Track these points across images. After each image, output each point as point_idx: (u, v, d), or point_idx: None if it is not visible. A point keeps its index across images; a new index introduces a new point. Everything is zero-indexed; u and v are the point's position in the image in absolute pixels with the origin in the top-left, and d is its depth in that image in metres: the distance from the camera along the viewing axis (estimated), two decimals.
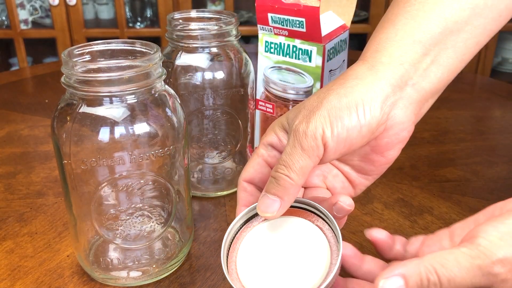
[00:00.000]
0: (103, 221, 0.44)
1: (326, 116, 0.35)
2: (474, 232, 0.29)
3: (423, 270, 0.28)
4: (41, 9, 2.01)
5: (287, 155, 0.35)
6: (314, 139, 0.35)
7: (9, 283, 0.47)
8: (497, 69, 2.16)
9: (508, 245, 0.28)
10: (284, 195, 0.35)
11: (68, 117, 0.41)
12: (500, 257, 0.27)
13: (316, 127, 0.35)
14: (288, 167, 0.35)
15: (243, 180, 0.40)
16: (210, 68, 0.55)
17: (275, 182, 0.35)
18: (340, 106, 0.35)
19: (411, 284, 0.29)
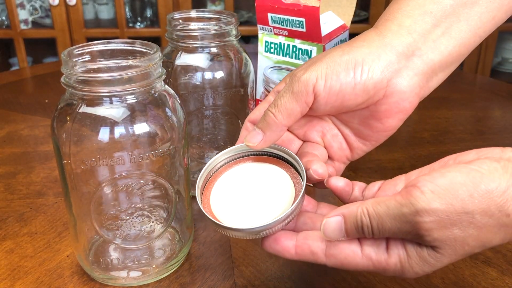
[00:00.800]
0: (103, 221, 0.44)
1: (324, 68, 0.37)
2: (415, 181, 0.30)
3: (359, 212, 0.31)
4: (41, 9, 2.01)
5: (279, 96, 0.38)
6: (305, 86, 0.37)
7: (9, 283, 0.47)
8: (497, 69, 2.16)
9: (437, 197, 0.29)
10: (266, 130, 0.38)
11: (68, 117, 0.41)
12: (425, 207, 0.29)
13: (311, 75, 0.37)
14: (276, 107, 0.38)
15: (247, 121, 0.43)
16: (210, 68, 0.55)
17: (263, 118, 0.39)
18: (340, 62, 0.37)
19: (349, 223, 0.32)
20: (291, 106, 0.37)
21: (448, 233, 0.29)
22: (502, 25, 1.42)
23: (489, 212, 0.29)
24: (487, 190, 0.29)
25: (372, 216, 0.31)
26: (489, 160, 0.30)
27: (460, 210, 0.29)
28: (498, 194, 0.29)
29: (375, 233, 0.31)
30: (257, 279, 0.47)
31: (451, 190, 0.29)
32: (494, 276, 0.47)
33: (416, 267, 0.31)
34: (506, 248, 0.51)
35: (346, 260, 0.33)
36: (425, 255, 0.31)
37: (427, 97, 0.45)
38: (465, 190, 0.29)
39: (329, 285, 0.46)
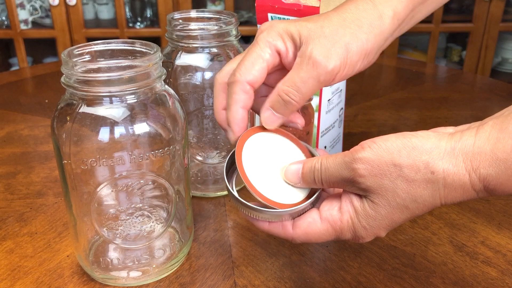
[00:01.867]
0: (103, 221, 0.44)
1: (344, 57, 0.38)
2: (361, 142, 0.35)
3: (315, 160, 0.37)
4: (41, 9, 2.01)
5: (301, 82, 0.38)
6: (332, 75, 0.38)
7: (9, 283, 0.47)
8: (497, 69, 2.16)
9: (372, 150, 0.33)
10: (287, 114, 0.40)
11: (68, 117, 0.41)
12: (359, 156, 0.33)
13: (335, 64, 0.38)
14: (300, 94, 0.38)
15: (246, 82, 0.39)
16: (210, 68, 0.55)
17: (284, 104, 0.39)
18: (356, 51, 0.39)
19: (305, 168, 0.37)
20: (314, 92, 0.39)
21: (379, 182, 0.33)
22: (502, 25, 1.42)
23: (415, 167, 0.32)
24: (414, 147, 0.32)
25: (322, 163, 0.36)
26: (427, 131, 0.34)
27: (389, 161, 0.33)
28: (424, 152, 0.32)
29: (323, 178, 0.36)
30: (257, 279, 0.47)
31: (384, 146, 0.33)
32: (494, 276, 0.47)
33: (363, 221, 0.35)
34: (506, 248, 0.51)
35: (309, 227, 0.37)
36: (366, 206, 0.35)
37: (427, 97, 0.45)
38: (395, 146, 0.33)
39: (329, 285, 0.46)
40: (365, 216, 0.35)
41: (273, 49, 0.39)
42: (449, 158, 0.32)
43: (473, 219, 0.56)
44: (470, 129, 0.33)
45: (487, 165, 0.31)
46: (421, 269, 0.48)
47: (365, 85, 1.05)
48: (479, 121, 0.35)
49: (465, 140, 0.32)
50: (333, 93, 0.62)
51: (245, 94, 0.39)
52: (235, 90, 0.39)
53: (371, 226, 0.35)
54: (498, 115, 0.33)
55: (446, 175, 0.32)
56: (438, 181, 0.32)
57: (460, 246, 0.52)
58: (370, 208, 0.35)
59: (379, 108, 0.91)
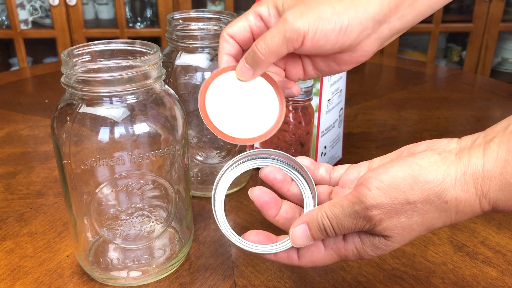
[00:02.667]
0: (103, 221, 0.44)
1: (316, 22, 0.39)
2: (362, 179, 0.34)
3: (319, 216, 0.36)
4: (41, 9, 2.01)
5: (270, 36, 0.40)
6: (297, 35, 0.39)
7: (9, 283, 0.47)
8: (497, 69, 2.16)
9: (382, 193, 0.33)
10: (256, 67, 0.41)
11: (68, 117, 0.41)
12: (372, 203, 0.33)
13: (304, 25, 0.39)
14: (266, 47, 0.40)
15: (226, 33, 0.44)
16: (210, 68, 0.55)
17: (252, 55, 0.41)
18: (330, 20, 0.40)
19: (313, 228, 0.37)
20: (280, 49, 0.40)
21: (395, 222, 0.34)
22: (502, 25, 1.42)
23: (429, 200, 0.33)
24: (426, 181, 0.32)
25: (331, 218, 0.35)
26: (431, 153, 0.34)
27: (403, 201, 0.33)
28: (436, 184, 0.32)
29: (336, 232, 0.36)
30: (257, 279, 0.47)
31: (393, 184, 0.33)
32: (494, 276, 0.47)
33: (370, 252, 0.36)
34: (506, 248, 0.51)
35: (314, 255, 0.38)
36: (377, 242, 0.35)
37: (427, 97, 0.45)
38: (405, 184, 0.33)
39: (329, 285, 0.46)
40: (374, 248, 0.36)
41: (255, 13, 0.44)
42: (460, 185, 0.32)
43: (473, 219, 0.56)
44: (476, 148, 0.33)
45: (496, 189, 0.32)
46: (421, 269, 0.48)
47: (365, 85, 1.05)
48: (482, 133, 0.35)
49: (474, 162, 0.32)
50: (333, 93, 0.62)
51: (227, 44, 0.44)
52: (220, 42, 0.44)
53: (378, 254, 0.36)
54: (502, 130, 0.33)
55: (458, 203, 0.33)
56: (451, 209, 0.33)
57: (460, 246, 0.52)
58: (381, 243, 0.35)
59: (379, 108, 0.91)
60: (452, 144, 0.35)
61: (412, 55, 2.16)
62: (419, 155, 0.34)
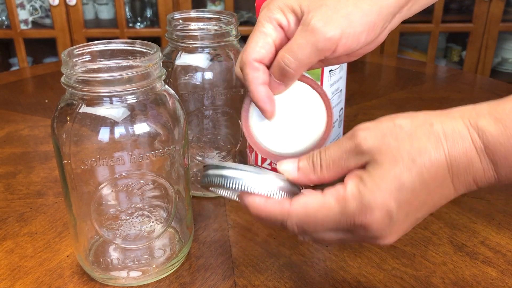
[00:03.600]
0: (103, 221, 0.44)
1: (347, 27, 0.38)
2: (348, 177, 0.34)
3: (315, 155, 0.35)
4: (41, 9, 2.01)
5: (299, 48, 0.38)
6: (331, 44, 0.37)
7: (9, 283, 0.47)
8: (497, 69, 2.16)
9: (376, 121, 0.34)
10: (287, 81, 0.40)
11: (68, 117, 0.41)
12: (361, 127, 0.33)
13: (336, 33, 0.37)
14: (296, 60, 0.38)
15: (253, 60, 0.39)
16: (210, 68, 0.55)
17: (281, 71, 0.39)
18: (360, 23, 0.38)
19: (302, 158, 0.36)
20: (312, 61, 0.38)
21: (381, 141, 0.32)
22: (502, 25, 1.43)
23: (414, 122, 0.33)
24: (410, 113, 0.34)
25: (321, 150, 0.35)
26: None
27: (389, 123, 0.33)
28: (422, 113, 0.33)
29: (322, 161, 0.35)
30: (257, 279, 0.47)
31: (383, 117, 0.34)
32: (494, 276, 0.47)
33: (369, 184, 0.32)
34: (506, 248, 0.51)
35: (309, 200, 0.34)
36: (370, 170, 0.32)
37: (427, 97, 0.45)
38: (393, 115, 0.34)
39: (329, 285, 0.46)
40: (371, 179, 0.32)
41: (274, 24, 0.39)
42: (446, 115, 0.33)
43: (473, 219, 0.56)
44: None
45: (485, 123, 0.31)
46: (421, 269, 0.48)
47: (365, 85, 1.05)
48: None
49: (462, 107, 0.33)
50: (333, 93, 0.62)
51: (257, 72, 0.39)
52: (247, 71, 0.40)
53: (379, 188, 0.32)
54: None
55: (445, 126, 0.32)
56: (438, 132, 0.32)
57: (460, 246, 0.52)
58: (375, 169, 0.32)
59: (379, 108, 0.91)
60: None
61: (412, 55, 2.16)
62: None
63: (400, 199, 0.32)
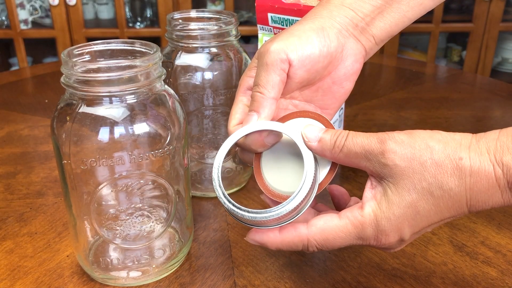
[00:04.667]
0: (103, 221, 0.44)
1: (289, 37, 0.40)
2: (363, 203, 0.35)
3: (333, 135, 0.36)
4: (41, 9, 2.01)
5: (256, 75, 0.40)
6: (277, 54, 0.39)
7: (9, 283, 0.47)
8: (497, 69, 2.16)
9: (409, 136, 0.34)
10: (259, 108, 0.39)
11: (68, 117, 0.41)
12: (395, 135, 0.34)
13: (279, 44, 0.39)
14: (257, 85, 0.40)
15: (233, 126, 0.41)
16: (210, 68, 0.55)
17: (252, 101, 0.40)
18: (303, 29, 0.40)
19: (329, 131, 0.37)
20: (270, 78, 0.39)
21: (409, 163, 0.33)
22: (502, 25, 1.42)
23: (445, 152, 0.33)
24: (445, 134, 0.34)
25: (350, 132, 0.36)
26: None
27: (422, 144, 0.33)
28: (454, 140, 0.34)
29: (346, 144, 0.35)
30: (257, 279, 0.47)
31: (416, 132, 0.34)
32: (494, 276, 0.47)
33: (386, 211, 0.34)
34: (506, 248, 0.51)
35: (326, 224, 0.36)
36: (388, 193, 0.34)
37: (427, 97, 0.45)
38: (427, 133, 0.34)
39: (329, 285, 0.46)
40: (388, 204, 0.34)
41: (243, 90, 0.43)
42: (474, 149, 0.33)
43: (473, 219, 0.56)
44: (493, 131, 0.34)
45: (510, 158, 0.32)
46: (421, 269, 0.48)
47: (365, 85, 1.05)
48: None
49: (489, 135, 0.33)
50: None
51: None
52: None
53: (395, 215, 0.34)
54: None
55: (473, 163, 0.32)
56: (465, 168, 0.32)
57: (460, 246, 0.52)
58: (393, 193, 0.34)
59: (379, 108, 0.91)
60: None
61: (412, 55, 2.16)
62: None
63: (414, 224, 0.34)
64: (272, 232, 0.37)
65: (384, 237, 0.34)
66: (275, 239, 0.37)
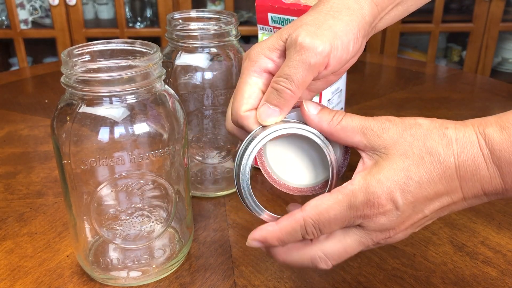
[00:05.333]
0: (103, 221, 0.44)
1: (335, 39, 0.38)
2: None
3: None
4: (41, 9, 2.01)
5: (291, 69, 0.37)
6: (323, 57, 0.37)
7: (9, 283, 0.47)
8: (497, 69, 2.16)
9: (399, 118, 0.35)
10: (284, 106, 0.38)
11: (68, 117, 0.41)
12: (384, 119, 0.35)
13: (326, 46, 0.37)
14: (291, 81, 0.37)
15: (245, 112, 0.38)
16: (210, 68, 0.55)
17: (277, 94, 0.37)
18: (345, 32, 0.38)
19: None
20: (308, 79, 0.37)
21: (400, 134, 0.35)
22: (502, 25, 1.42)
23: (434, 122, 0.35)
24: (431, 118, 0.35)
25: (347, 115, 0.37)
26: None
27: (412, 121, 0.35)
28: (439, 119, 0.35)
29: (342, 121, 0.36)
30: (257, 279, 0.47)
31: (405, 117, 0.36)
32: (494, 276, 0.47)
33: (376, 174, 0.34)
34: (506, 248, 0.51)
35: (319, 201, 0.35)
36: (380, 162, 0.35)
37: (427, 97, 0.45)
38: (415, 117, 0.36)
39: (329, 285, 0.46)
40: (378, 169, 0.34)
41: (258, 70, 0.39)
42: (461, 123, 0.34)
43: (473, 219, 0.56)
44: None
45: (491, 131, 0.33)
46: (421, 269, 0.48)
47: (365, 85, 1.05)
48: None
49: (473, 119, 0.35)
50: (333, 93, 0.62)
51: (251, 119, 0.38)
52: (244, 124, 0.38)
53: (386, 177, 0.34)
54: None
55: (458, 132, 0.34)
56: (451, 135, 0.34)
57: (460, 246, 0.52)
58: (384, 160, 0.34)
59: (379, 108, 0.91)
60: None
61: (412, 55, 2.16)
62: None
63: (406, 190, 0.34)
64: (270, 225, 0.37)
65: (376, 200, 0.34)
66: (274, 231, 0.36)
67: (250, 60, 0.39)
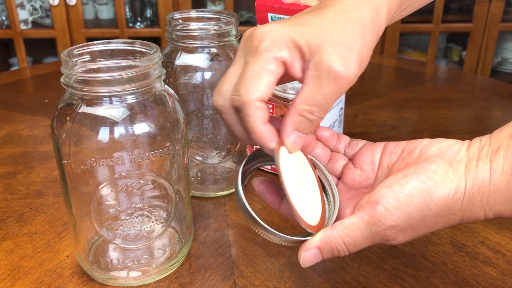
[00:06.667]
0: (103, 221, 0.44)
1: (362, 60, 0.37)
2: (377, 196, 0.35)
3: (335, 242, 0.36)
4: (41, 9, 2.01)
5: (326, 100, 0.36)
6: (351, 84, 0.36)
7: (9, 283, 0.47)
8: (497, 69, 2.16)
9: (400, 213, 0.34)
10: (309, 132, 0.38)
11: (68, 117, 0.41)
12: (392, 224, 0.34)
13: (356, 72, 0.36)
14: (323, 110, 0.36)
15: (256, 100, 0.35)
16: (210, 68, 0.55)
17: (309, 124, 0.37)
18: (368, 54, 0.38)
19: (325, 253, 0.36)
20: (334, 102, 0.37)
21: (408, 235, 0.35)
22: (502, 25, 1.42)
23: (440, 215, 0.34)
24: (440, 197, 0.34)
25: (347, 243, 0.36)
26: (444, 164, 0.35)
27: (419, 218, 0.34)
28: (449, 199, 0.34)
29: (350, 251, 0.36)
30: (257, 279, 0.47)
31: (410, 204, 0.34)
32: (494, 276, 0.47)
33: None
34: (506, 248, 0.51)
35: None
36: None
37: (427, 97, 0.45)
38: (422, 201, 0.34)
39: (329, 285, 0.46)
40: None
41: (279, 60, 0.36)
42: (468, 199, 0.34)
43: None
44: (483, 159, 0.34)
45: (502, 203, 0.33)
46: (421, 269, 0.48)
47: (365, 85, 1.05)
48: (488, 139, 0.35)
49: (482, 176, 0.33)
50: None
51: (260, 111, 0.36)
52: (249, 112, 0.36)
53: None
54: (508, 138, 0.34)
55: (464, 214, 0.34)
56: (456, 219, 0.35)
57: (460, 246, 0.52)
58: None
59: (379, 108, 0.91)
60: (462, 151, 0.35)
61: (412, 55, 2.16)
62: (431, 166, 0.34)
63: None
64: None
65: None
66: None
67: (274, 45, 0.36)
